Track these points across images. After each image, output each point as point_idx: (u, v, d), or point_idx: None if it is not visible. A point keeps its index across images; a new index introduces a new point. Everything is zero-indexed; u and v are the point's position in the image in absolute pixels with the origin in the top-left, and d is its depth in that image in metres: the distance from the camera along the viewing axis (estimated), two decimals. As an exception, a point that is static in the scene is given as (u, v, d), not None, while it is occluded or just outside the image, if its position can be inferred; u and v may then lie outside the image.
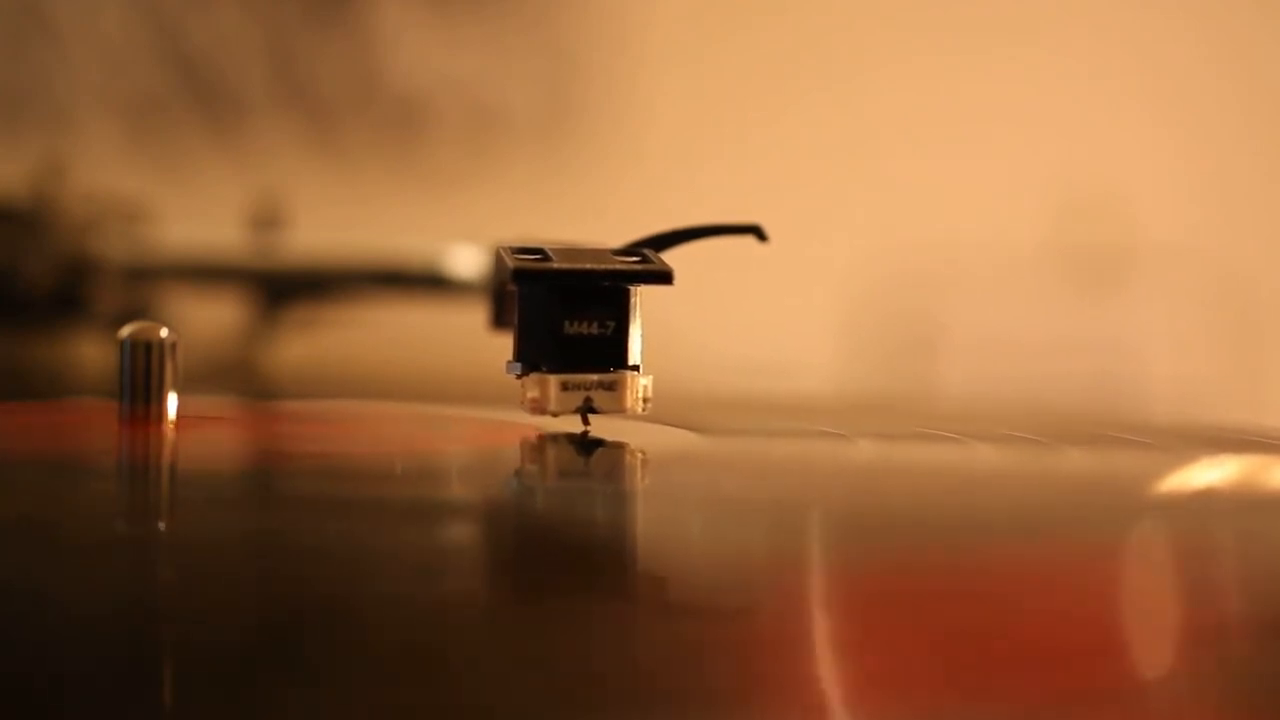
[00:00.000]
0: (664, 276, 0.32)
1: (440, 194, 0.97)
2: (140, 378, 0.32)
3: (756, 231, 0.34)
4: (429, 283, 0.58)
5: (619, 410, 0.32)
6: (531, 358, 0.32)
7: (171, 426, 0.33)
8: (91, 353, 0.58)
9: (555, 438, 0.34)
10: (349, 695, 0.17)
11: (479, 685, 0.18)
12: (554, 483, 0.32)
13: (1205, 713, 0.18)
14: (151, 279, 0.61)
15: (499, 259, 0.32)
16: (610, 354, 0.32)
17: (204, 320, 0.58)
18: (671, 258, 0.32)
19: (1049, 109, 0.94)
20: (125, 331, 0.33)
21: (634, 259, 0.32)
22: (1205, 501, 0.31)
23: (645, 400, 0.32)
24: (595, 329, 0.32)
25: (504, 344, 0.33)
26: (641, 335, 0.32)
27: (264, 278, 0.59)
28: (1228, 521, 0.28)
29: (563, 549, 0.25)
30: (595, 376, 0.32)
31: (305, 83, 1.00)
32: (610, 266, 0.32)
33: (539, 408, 0.32)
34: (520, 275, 0.31)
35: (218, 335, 0.59)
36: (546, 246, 0.32)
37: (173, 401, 0.33)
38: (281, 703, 0.17)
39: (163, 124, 1.00)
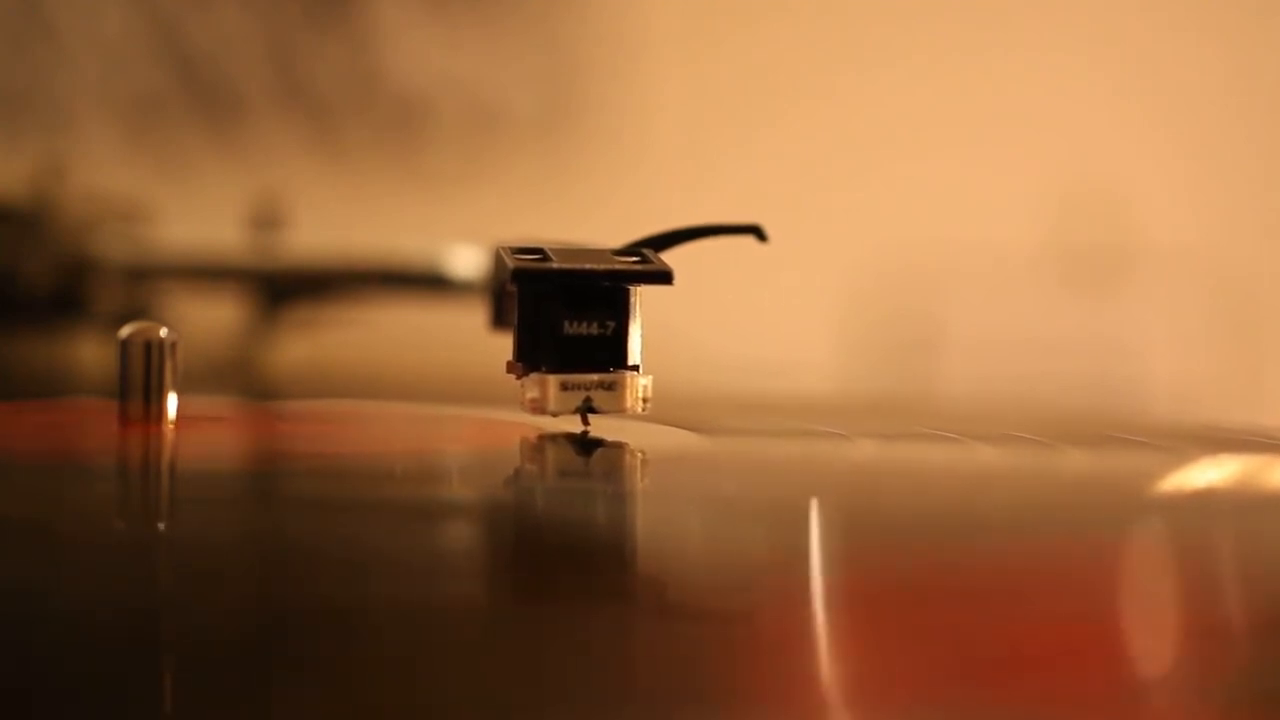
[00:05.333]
0: (664, 276, 0.32)
1: (440, 194, 0.97)
2: (140, 378, 0.32)
3: (756, 231, 0.34)
4: (429, 283, 0.58)
5: (619, 410, 0.32)
6: (531, 358, 0.32)
7: (171, 426, 0.33)
8: (91, 353, 0.58)
9: (555, 438, 0.33)
10: (348, 695, 0.17)
11: (478, 685, 0.18)
12: (554, 483, 0.32)
13: (1205, 713, 0.18)
14: (151, 279, 0.60)
15: (499, 259, 0.32)
16: (610, 354, 0.32)
17: (204, 320, 0.58)
18: (671, 258, 0.32)
19: (1049, 109, 0.94)
20: (125, 331, 0.33)
21: (634, 259, 0.32)
22: (1205, 501, 0.31)
23: (645, 400, 0.32)
24: (595, 329, 0.32)
25: (504, 344, 0.33)
26: (641, 335, 0.32)
27: (264, 278, 0.59)
28: (1228, 521, 0.28)
29: (562, 549, 0.25)
30: (595, 376, 0.32)
31: (305, 83, 1.00)
32: (610, 266, 0.32)
33: (539, 408, 0.32)
34: (520, 275, 0.31)
35: (218, 335, 0.59)
36: (546, 246, 0.32)
37: (173, 401, 0.33)
38: (281, 703, 0.17)
39: (163, 124, 1.00)
